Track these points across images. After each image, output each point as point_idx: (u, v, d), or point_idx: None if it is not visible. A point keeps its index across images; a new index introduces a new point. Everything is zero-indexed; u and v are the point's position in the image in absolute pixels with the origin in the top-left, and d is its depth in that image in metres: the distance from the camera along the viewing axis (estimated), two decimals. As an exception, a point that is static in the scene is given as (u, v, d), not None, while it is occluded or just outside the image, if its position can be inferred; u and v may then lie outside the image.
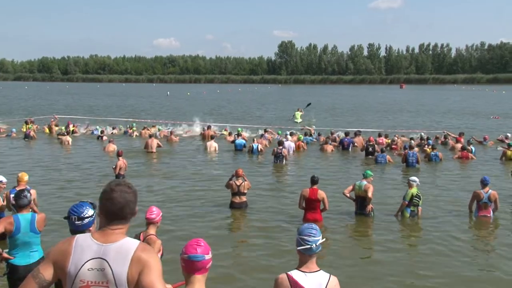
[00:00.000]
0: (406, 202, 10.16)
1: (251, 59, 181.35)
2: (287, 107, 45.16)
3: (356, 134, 21.68)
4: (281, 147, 16.94)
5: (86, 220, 3.74)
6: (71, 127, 25.35)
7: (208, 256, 3.05)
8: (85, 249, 2.60)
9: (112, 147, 19.01)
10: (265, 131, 23.35)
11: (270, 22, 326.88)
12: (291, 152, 18.56)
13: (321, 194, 9.92)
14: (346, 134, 20.98)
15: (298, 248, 3.48)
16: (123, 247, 2.60)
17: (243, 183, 10.92)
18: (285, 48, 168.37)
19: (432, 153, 17.55)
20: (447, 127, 28.41)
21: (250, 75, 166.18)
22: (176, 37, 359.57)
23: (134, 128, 25.24)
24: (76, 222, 3.70)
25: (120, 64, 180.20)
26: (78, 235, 2.70)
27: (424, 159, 17.51)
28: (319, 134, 23.32)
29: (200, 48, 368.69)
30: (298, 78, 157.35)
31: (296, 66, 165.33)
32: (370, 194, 10.11)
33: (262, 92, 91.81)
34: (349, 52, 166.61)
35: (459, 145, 19.38)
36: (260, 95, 78.97)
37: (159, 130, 24.81)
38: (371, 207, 10.32)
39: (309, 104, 37.61)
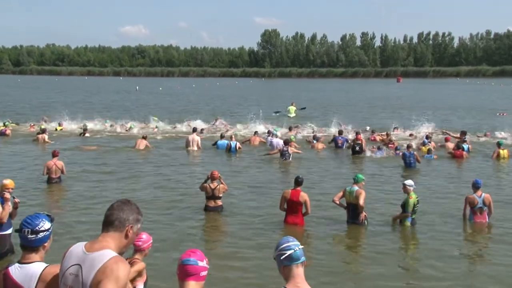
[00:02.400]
0: (409, 214, 10.22)
1: (230, 50, 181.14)
2: (273, 104, 45.17)
3: (357, 133, 22.25)
4: (287, 146, 18.18)
5: (41, 235, 3.54)
6: (50, 124, 26.76)
7: (201, 263, 3.33)
8: (73, 255, 3.15)
9: (143, 144, 20.63)
10: (268, 132, 24.26)
11: (251, 8, 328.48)
12: (279, 148, 19.30)
13: (304, 196, 10.25)
14: (340, 132, 21.82)
15: (283, 262, 3.46)
16: (98, 257, 3.03)
17: (218, 186, 11.30)
18: (269, 37, 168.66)
19: (427, 155, 18.63)
20: (446, 126, 28.80)
21: (229, 68, 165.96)
22: (145, 24, 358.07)
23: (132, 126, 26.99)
24: (29, 236, 3.47)
25: (81, 54, 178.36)
26: (74, 245, 3.23)
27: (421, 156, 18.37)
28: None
29: (173, 37, 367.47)
30: (283, 71, 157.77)
31: (281, 58, 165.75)
32: (362, 202, 10.11)
33: (243, 86, 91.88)
34: (340, 42, 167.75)
35: (451, 144, 20.53)
36: (241, 89, 79.00)
37: (131, 127, 26.55)
38: (365, 215, 10.36)
39: (303, 108, 38.57)
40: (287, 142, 18.60)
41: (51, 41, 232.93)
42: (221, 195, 11.40)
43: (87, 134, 24.60)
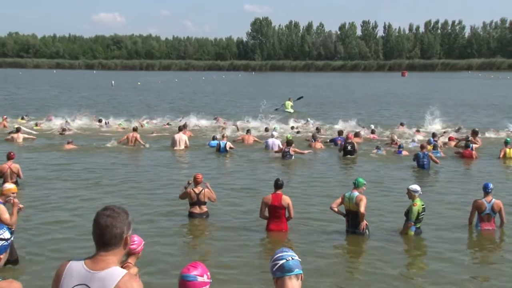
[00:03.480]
0: (412, 223, 10.31)
1: (217, 41, 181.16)
2: (266, 101, 45.31)
3: (357, 134, 23.27)
4: (289, 147, 18.91)
5: None
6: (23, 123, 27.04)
7: (201, 278, 3.54)
8: (74, 275, 3.26)
9: (133, 138, 21.37)
10: (266, 130, 25.60)
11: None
12: (275, 149, 20.26)
13: (286, 200, 10.52)
14: (340, 133, 22.47)
15: (275, 273, 3.53)
16: (108, 276, 3.21)
17: (204, 191, 11.48)
18: (260, 26, 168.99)
19: (433, 151, 19.01)
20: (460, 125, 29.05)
21: (216, 61, 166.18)
22: (122, 11, 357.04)
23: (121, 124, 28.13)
24: None
25: (49, 45, 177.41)
26: (71, 261, 3.35)
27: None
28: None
29: (153, 26, 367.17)
30: (275, 63, 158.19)
31: (273, 49, 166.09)
32: (362, 209, 10.15)
33: (231, 81, 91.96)
34: (338, 32, 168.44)
35: (453, 143, 21.43)
36: (229, 84, 79.04)
37: (120, 125, 27.63)
38: (366, 224, 10.41)
39: (300, 98, 39.52)
40: (290, 143, 19.23)
41: (14, 29, 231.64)
42: (206, 200, 11.57)
43: (67, 132, 25.01)
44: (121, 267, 5.66)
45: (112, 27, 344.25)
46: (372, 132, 24.87)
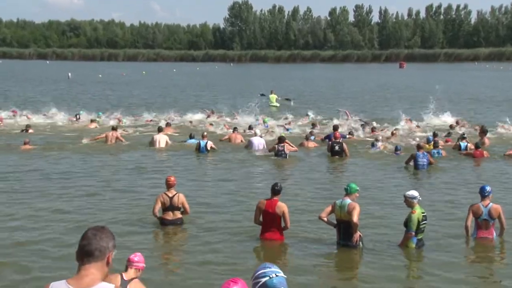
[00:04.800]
0: (413, 233, 10.37)
1: (190, 28, 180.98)
2: (248, 97, 45.36)
3: (351, 132, 24.32)
4: (282, 144, 19.54)
5: None
6: None
7: None
8: None
9: (114, 137, 22.25)
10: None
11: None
12: (260, 148, 21.21)
13: (281, 207, 10.62)
14: (335, 128, 22.68)
15: None
16: None
17: (177, 195, 11.70)
18: (239, 11, 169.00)
19: (434, 150, 19.60)
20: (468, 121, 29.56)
21: (189, 50, 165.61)
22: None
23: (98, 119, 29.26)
24: None
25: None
26: (52, 283, 3.76)
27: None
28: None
29: (116, 10, 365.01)
30: (257, 54, 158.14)
31: (254, 38, 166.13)
32: (355, 218, 10.17)
33: (206, 73, 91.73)
34: (328, 18, 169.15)
35: (451, 143, 21.93)
36: (204, 77, 78.90)
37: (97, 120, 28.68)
38: (359, 236, 10.46)
39: (288, 99, 40.29)
40: (282, 140, 19.75)
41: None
42: (180, 205, 11.71)
43: (30, 131, 25.31)
44: (130, 281, 6.57)
45: (68, 11, 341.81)
46: (373, 130, 25.51)
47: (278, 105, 37.69)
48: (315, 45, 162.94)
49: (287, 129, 26.29)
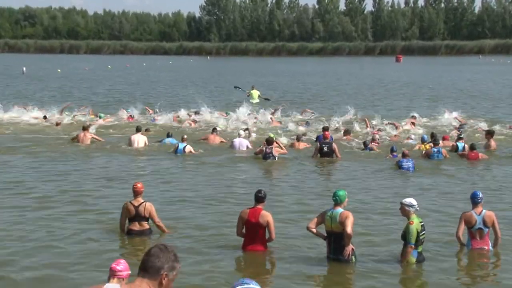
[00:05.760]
0: (413, 246, 10.37)
1: (162, 17, 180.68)
2: (228, 94, 45.48)
3: (347, 131, 24.76)
4: (270, 147, 20.02)
5: None
6: None
7: None
8: None
9: (87, 138, 23.07)
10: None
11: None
12: (243, 149, 21.94)
13: (265, 216, 10.74)
14: (325, 129, 23.08)
15: None
16: None
17: (145, 204, 11.78)
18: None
19: (434, 149, 20.17)
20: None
21: (161, 42, 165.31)
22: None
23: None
24: None
25: None
26: (107, 284, 5.00)
27: (423, 156, 20.38)
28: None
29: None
30: (237, 46, 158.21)
31: (234, 28, 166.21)
32: (349, 229, 10.11)
33: (180, 67, 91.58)
34: (316, 6, 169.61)
35: (448, 143, 22.44)
36: (178, 72, 78.81)
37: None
38: (352, 249, 10.41)
39: (267, 99, 41.35)
40: (270, 142, 20.18)
41: None
42: (147, 215, 11.83)
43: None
44: None
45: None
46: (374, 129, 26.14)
47: (258, 101, 39.01)
48: (302, 36, 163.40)
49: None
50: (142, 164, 20.07)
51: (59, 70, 77.31)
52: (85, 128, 23.49)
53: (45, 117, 29.71)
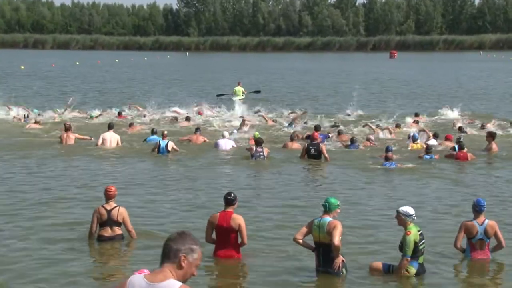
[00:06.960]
0: (409, 259, 10.40)
1: (136, 9, 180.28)
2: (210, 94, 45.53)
3: (340, 132, 25.65)
4: (260, 147, 20.83)
5: None
6: None
7: None
8: (135, 287, 4.99)
9: (71, 139, 23.37)
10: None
11: None
12: (228, 148, 22.66)
13: (237, 219, 10.88)
14: (317, 128, 23.89)
15: None
16: (166, 287, 4.87)
17: (117, 208, 11.88)
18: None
19: (427, 156, 20.64)
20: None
21: (134, 36, 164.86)
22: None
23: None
24: None
25: None
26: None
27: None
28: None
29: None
30: (218, 41, 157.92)
31: (214, 21, 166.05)
32: (337, 240, 10.11)
33: (156, 64, 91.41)
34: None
35: (450, 144, 22.64)
36: (154, 69, 78.62)
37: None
38: (342, 260, 10.44)
39: (257, 91, 43.08)
40: (259, 143, 21.04)
41: None
42: (120, 220, 11.91)
43: None
44: None
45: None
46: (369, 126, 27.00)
47: (243, 97, 40.36)
48: (289, 30, 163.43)
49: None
50: (118, 165, 20.27)
51: (22, 67, 76.80)
52: (67, 129, 23.63)
53: (26, 117, 30.04)
